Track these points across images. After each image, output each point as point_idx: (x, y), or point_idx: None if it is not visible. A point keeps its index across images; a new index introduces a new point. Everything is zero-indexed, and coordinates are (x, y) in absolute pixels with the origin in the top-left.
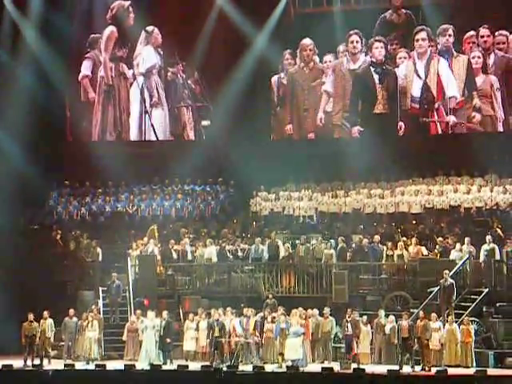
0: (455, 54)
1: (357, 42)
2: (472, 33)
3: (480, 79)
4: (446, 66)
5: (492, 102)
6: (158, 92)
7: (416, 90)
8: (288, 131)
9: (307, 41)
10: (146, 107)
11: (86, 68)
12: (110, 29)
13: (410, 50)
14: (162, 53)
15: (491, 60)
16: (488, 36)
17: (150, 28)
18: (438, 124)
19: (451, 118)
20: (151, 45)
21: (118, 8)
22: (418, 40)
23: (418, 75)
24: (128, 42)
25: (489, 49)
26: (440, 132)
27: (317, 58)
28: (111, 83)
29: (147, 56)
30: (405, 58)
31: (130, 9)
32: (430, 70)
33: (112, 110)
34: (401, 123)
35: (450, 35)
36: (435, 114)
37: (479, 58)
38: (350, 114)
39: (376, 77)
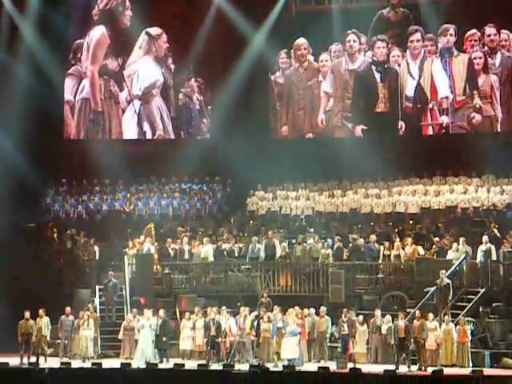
0: (456, 53)
1: (354, 41)
2: (473, 31)
3: (481, 79)
4: (440, 67)
5: (492, 102)
6: (162, 121)
7: (409, 90)
8: (284, 133)
9: (301, 40)
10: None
11: (69, 89)
12: (100, 30)
13: (404, 50)
14: (171, 66)
15: (497, 59)
16: (495, 35)
17: (153, 30)
18: (431, 126)
19: (444, 119)
20: (152, 54)
21: None
22: (412, 41)
23: (412, 75)
24: (123, 50)
25: (495, 48)
26: (431, 133)
27: (311, 58)
28: (100, 109)
29: (145, 70)
30: (398, 56)
31: (127, 3)
32: (423, 71)
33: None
34: (401, 122)
35: (451, 35)
36: (429, 114)
37: (480, 58)
38: (352, 114)
39: (377, 75)
